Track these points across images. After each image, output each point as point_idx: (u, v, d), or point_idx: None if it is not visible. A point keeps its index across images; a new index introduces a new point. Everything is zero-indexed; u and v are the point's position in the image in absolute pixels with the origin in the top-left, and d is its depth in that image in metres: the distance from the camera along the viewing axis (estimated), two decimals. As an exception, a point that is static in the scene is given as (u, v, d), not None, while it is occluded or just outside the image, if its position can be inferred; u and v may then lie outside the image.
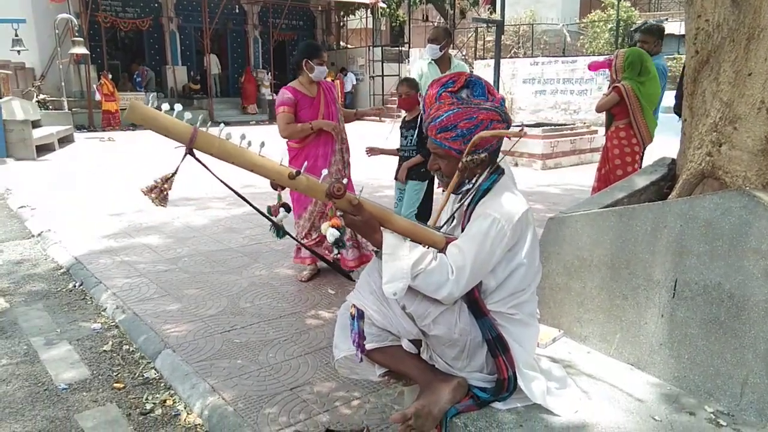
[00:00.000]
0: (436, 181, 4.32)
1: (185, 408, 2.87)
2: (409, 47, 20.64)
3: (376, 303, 1.81)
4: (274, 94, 20.24)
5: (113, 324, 3.81)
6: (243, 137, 1.74)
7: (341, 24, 24.01)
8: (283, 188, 1.76)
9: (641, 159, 4.92)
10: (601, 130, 6.60)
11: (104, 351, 3.45)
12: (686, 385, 1.98)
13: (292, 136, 4.21)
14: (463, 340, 1.81)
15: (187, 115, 1.71)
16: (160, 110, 1.65)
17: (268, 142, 1.87)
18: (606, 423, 1.78)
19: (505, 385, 1.83)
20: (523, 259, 1.86)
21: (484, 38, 20.89)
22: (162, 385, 3.10)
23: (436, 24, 25.28)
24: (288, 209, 2.10)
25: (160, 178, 1.71)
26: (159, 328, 3.61)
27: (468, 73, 1.97)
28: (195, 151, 1.69)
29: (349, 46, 23.75)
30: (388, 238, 1.74)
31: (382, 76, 20.63)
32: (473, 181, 1.93)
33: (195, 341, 3.45)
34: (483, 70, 16.28)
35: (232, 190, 1.97)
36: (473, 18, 15.84)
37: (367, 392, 2.89)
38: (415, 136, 4.33)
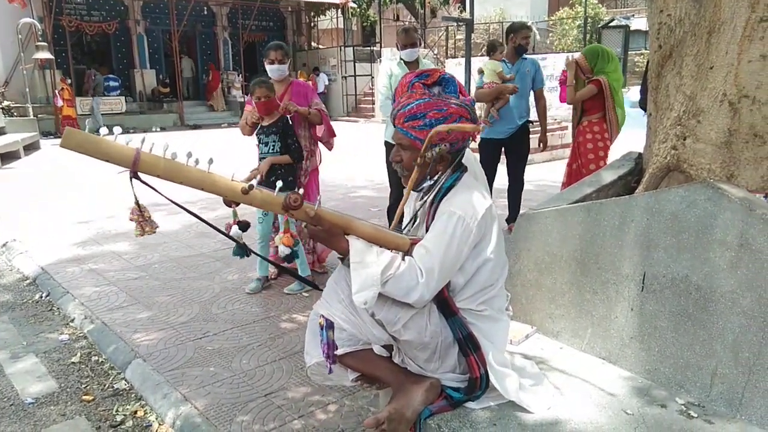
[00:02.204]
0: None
1: (157, 419, 2.81)
2: (381, 47, 20.61)
3: (345, 312, 1.78)
4: (246, 96, 20.06)
5: (81, 335, 3.71)
6: (189, 155, 1.68)
7: (312, 24, 23.88)
8: (237, 204, 1.72)
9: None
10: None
11: (72, 363, 3.36)
12: (657, 377, 1.99)
13: (242, 130, 4.25)
14: (434, 342, 1.80)
15: (124, 137, 1.63)
16: (98, 134, 1.59)
17: (236, 145, 1.82)
18: (579, 418, 1.78)
19: (478, 383, 1.81)
20: (490, 255, 1.85)
21: (455, 37, 21.00)
22: (132, 395, 3.03)
23: (406, 23, 25.31)
24: (244, 227, 2.06)
25: (133, 214, 1.68)
26: (129, 338, 3.53)
27: (442, 70, 1.96)
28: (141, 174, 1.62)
29: (320, 46, 23.63)
30: (355, 245, 1.71)
31: (355, 76, 20.57)
32: (435, 178, 1.91)
33: (166, 350, 3.38)
34: (455, 68, 16.31)
35: (186, 210, 1.92)
36: (443, 17, 15.88)
37: (342, 395, 2.86)
38: (277, 140, 4.06)
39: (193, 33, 20.68)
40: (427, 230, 1.85)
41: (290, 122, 4.14)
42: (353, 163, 10.12)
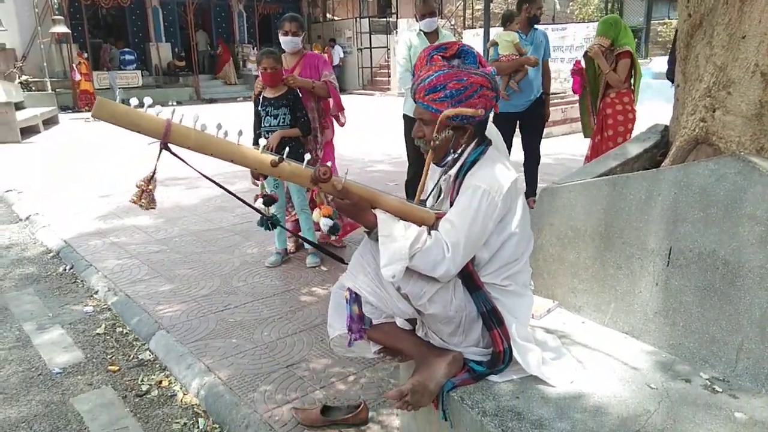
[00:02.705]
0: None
1: (181, 388, 2.87)
2: (397, 18, 20.31)
3: (371, 285, 1.78)
4: (261, 69, 19.94)
5: (105, 307, 3.78)
6: (219, 127, 1.68)
7: (327, -5, 23.59)
8: (265, 177, 1.72)
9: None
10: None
11: (97, 334, 3.43)
12: (681, 352, 1.98)
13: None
14: (459, 316, 1.80)
15: (158, 107, 1.63)
16: (129, 105, 1.59)
17: (252, 119, 1.80)
18: (602, 392, 1.78)
19: (501, 357, 1.82)
20: (515, 229, 1.84)
21: (473, 7, 20.62)
22: (157, 366, 3.09)
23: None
24: (269, 202, 2.06)
25: (142, 181, 1.66)
26: (152, 310, 3.59)
27: (461, 42, 1.92)
28: (171, 145, 1.62)
29: (335, 18, 23.35)
30: (383, 219, 1.71)
31: (370, 48, 20.35)
32: (458, 151, 1.89)
33: (189, 321, 3.43)
34: (472, 39, 16.07)
35: (216, 183, 1.92)
36: (462, -14, 15.60)
37: (362, 367, 2.89)
38: (287, 113, 4.01)
39: (208, 5, 20.56)
40: (451, 204, 1.84)
41: (299, 95, 4.11)
42: (369, 137, 10.06)
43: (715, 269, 1.88)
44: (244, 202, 1.98)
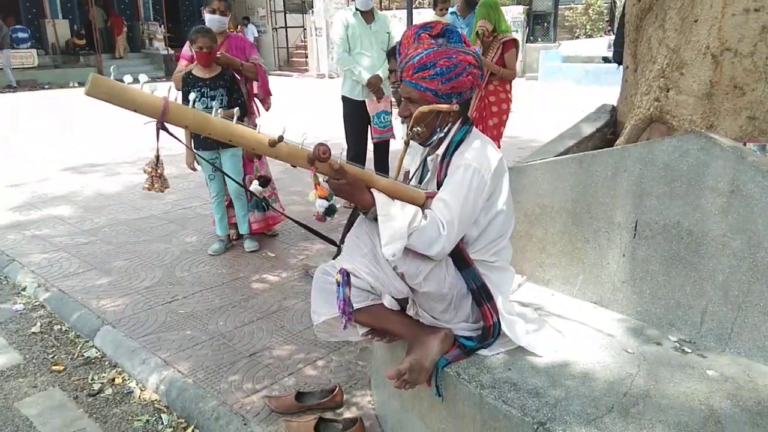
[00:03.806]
0: (400, 135, 4.15)
1: (137, 385, 2.73)
2: (313, -3, 19.96)
3: (368, 266, 1.77)
4: (168, 48, 19.00)
5: (38, 303, 3.51)
6: (215, 108, 1.61)
7: (237, -28, 22.73)
8: (259, 158, 1.66)
9: None
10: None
11: (33, 333, 3.19)
12: (649, 318, 2.11)
13: (176, 83, 3.97)
14: (451, 293, 1.82)
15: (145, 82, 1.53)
16: (122, 82, 1.49)
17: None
18: (586, 359, 1.87)
19: (491, 331, 1.86)
20: (502, 207, 1.88)
21: (388, -12, 20.63)
22: (106, 363, 2.92)
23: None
24: (264, 183, 1.99)
25: (149, 167, 1.58)
26: (92, 305, 3.38)
27: (445, 22, 1.93)
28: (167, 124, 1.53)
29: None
30: (381, 199, 1.69)
31: (286, 27, 19.90)
32: (444, 130, 1.91)
33: (135, 315, 3.26)
34: (396, 23, 16.08)
35: (242, 184, 1.82)
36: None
37: (328, 351, 2.87)
38: (225, 94, 3.88)
39: (108, -21, 19.29)
40: (438, 184, 1.85)
41: (235, 75, 3.98)
42: (296, 120, 9.88)
43: (680, 239, 2.01)
44: (244, 186, 1.90)
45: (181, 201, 5.39)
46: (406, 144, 1.94)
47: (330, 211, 1.69)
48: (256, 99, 4.38)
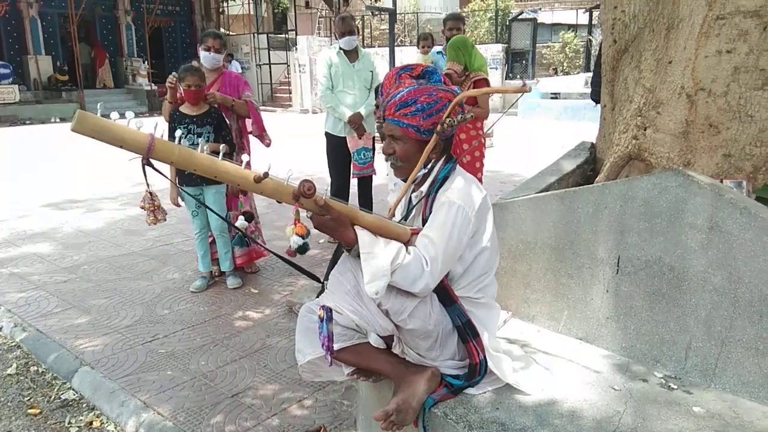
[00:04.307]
0: (387, 171, 4.11)
1: (116, 428, 2.66)
2: (296, 35, 20.26)
3: (352, 303, 1.76)
4: (152, 84, 19.09)
5: (14, 344, 3.42)
6: (201, 144, 1.63)
7: (221, 10, 23.06)
8: (245, 194, 1.67)
9: None
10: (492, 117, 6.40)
11: (9, 375, 3.09)
12: (634, 354, 2.12)
13: (165, 113, 4.01)
14: (437, 330, 1.82)
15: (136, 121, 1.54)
16: (108, 118, 1.49)
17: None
18: (573, 397, 1.86)
19: (478, 369, 1.85)
20: (486, 243, 1.90)
21: (371, 26, 21.03)
22: (84, 405, 2.84)
23: (317, 11, 25.00)
24: (249, 218, 1.99)
25: (145, 203, 1.57)
26: (70, 345, 3.30)
27: (425, 65, 1.97)
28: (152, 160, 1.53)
29: (230, 32, 22.87)
30: (364, 237, 1.70)
31: (269, 64, 20.11)
32: (428, 167, 1.93)
33: (114, 355, 3.19)
34: (378, 60, 16.34)
35: (233, 225, 1.82)
36: (366, 6, 15.81)
37: (313, 390, 2.82)
38: (212, 132, 3.89)
39: (92, 17, 19.40)
40: (423, 221, 1.87)
41: (222, 113, 4.01)
42: (280, 155, 9.87)
43: (662, 275, 2.04)
44: (296, 266, 1.90)
45: (162, 237, 5.34)
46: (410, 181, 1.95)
47: (302, 249, 1.70)
48: (250, 136, 4.40)
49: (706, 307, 1.95)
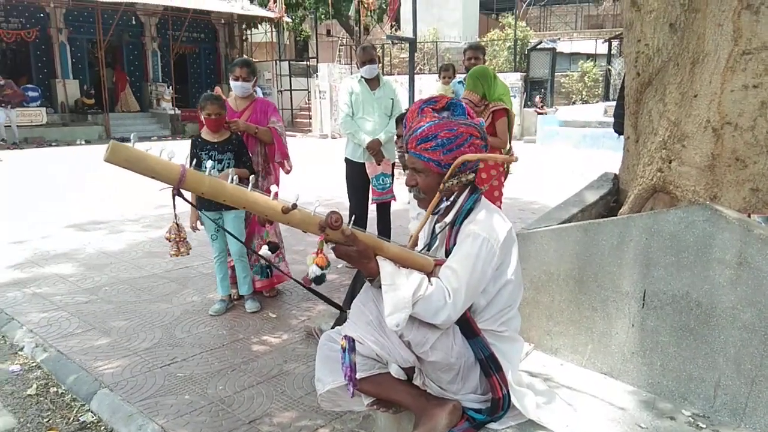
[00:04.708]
0: (409, 198, 4.12)
1: (133, 452, 2.65)
2: (317, 62, 20.59)
3: (374, 334, 1.75)
4: (175, 109, 19.46)
5: (34, 365, 3.45)
6: (229, 174, 1.65)
7: (244, 37, 23.53)
8: (271, 223, 1.69)
9: None
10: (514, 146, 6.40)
11: (29, 395, 3.11)
12: (660, 390, 2.07)
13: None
14: (459, 363, 1.80)
15: (166, 151, 1.58)
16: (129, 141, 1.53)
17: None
18: (598, 435, 1.83)
19: (501, 404, 1.83)
20: (511, 276, 1.88)
21: (390, 54, 21.29)
22: (102, 428, 2.84)
23: (338, 39, 25.43)
24: (274, 249, 2.01)
25: (171, 233, 1.60)
26: (90, 366, 3.31)
27: (450, 97, 1.99)
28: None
29: (253, 59, 23.29)
30: (386, 268, 1.70)
31: (290, 90, 20.42)
32: (451, 198, 1.93)
33: (133, 378, 3.19)
34: (399, 88, 16.51)
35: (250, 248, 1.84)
36: (387, 35, 16.06)
37: (331, 419, 2.80)
38: (232, 158, 3.96)
39: (119, 43, 19.89)
40: (447, 252, 1.86)
41: (242, 140, 4.07)
42: (301, 180, 9.97)
43: (689, 310, 2.01)
44: (317, 293, 1.93)
45: (183, 260, 5.36)
46: (429, 213, 1.96)
47: (319, 280, 1.71)
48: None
49: (736, 344, 1.90)
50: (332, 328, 2.42)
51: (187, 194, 1.63)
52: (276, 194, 1.67)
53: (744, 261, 1.88)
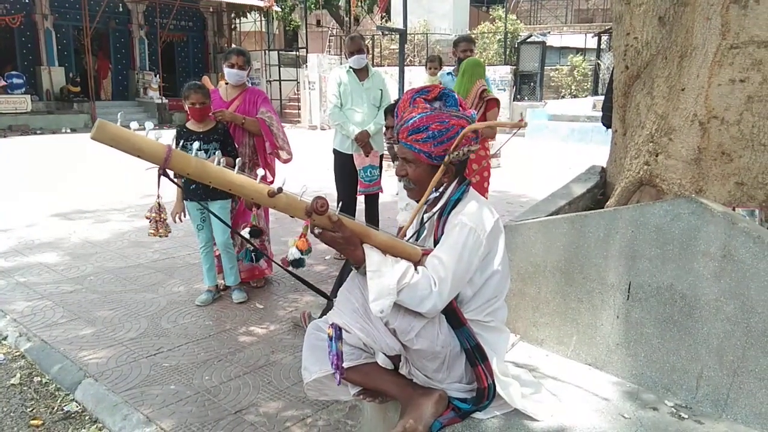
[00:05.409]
0: (397, 190, 4.13)
1: (118, 442, 2.63)
2: (307, 52, 20.47)
3: (360, 321, 1.75)
4: (163, 98, 19.27)
5: (18, 354, 3.41)
6: (216, 157, 1.64)
7: (233, 26, 23.32)
8: (258, 207, 1.68)
9: None
10: (499, 138, 6.49)
11: (12, 385, 3.09)
12: (644, 381, 2.10)
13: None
14: (444, 351, 1.80)
15: (157, 132, 1.56)
16: (128, 128, 1.51)
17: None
18: (583, 425, 1.84)
19: (486, 393, 1.84)
20: (497, 267, 1.88)
21: (380, 45, 21.20)
22: (87, 418, 2.82)
23: (328, 29, 25.29)
24: (256, 234, 1.99)
25: (152, 212, 1.57)
26: (74, 356, 3.29)
27: (442, 86, 1.98)
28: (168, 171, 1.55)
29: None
30: (372, 255, 1.70)
31: (280, 80, 20.29)
32: (440, 189, 1.93)
33: (118, 368, 3.17)
34: (387, 79, 16.46)
35: (243, 237, 1.83)
36: (377, 26, 15.98)
37: (317, 409, 2.80)
38: (218, 147, 3.91)
39: (105, 30, 19.63)
40: (435, 242, 1.86)
41: (228, 129, 4.04)
42: (285, 171, 9.91)
43: (674, 302, 2.02)
44: (305, 282, 1.91)
45: (169, 250, 5.35)
46: (422, 203, 1.95)
47: (297, 263, 1.70)
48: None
49: (719, 336, 1.93)
50: (320, 317, 2.42)
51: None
52: (263, 178, 1.66)
53: (728, 254, 1.90)
